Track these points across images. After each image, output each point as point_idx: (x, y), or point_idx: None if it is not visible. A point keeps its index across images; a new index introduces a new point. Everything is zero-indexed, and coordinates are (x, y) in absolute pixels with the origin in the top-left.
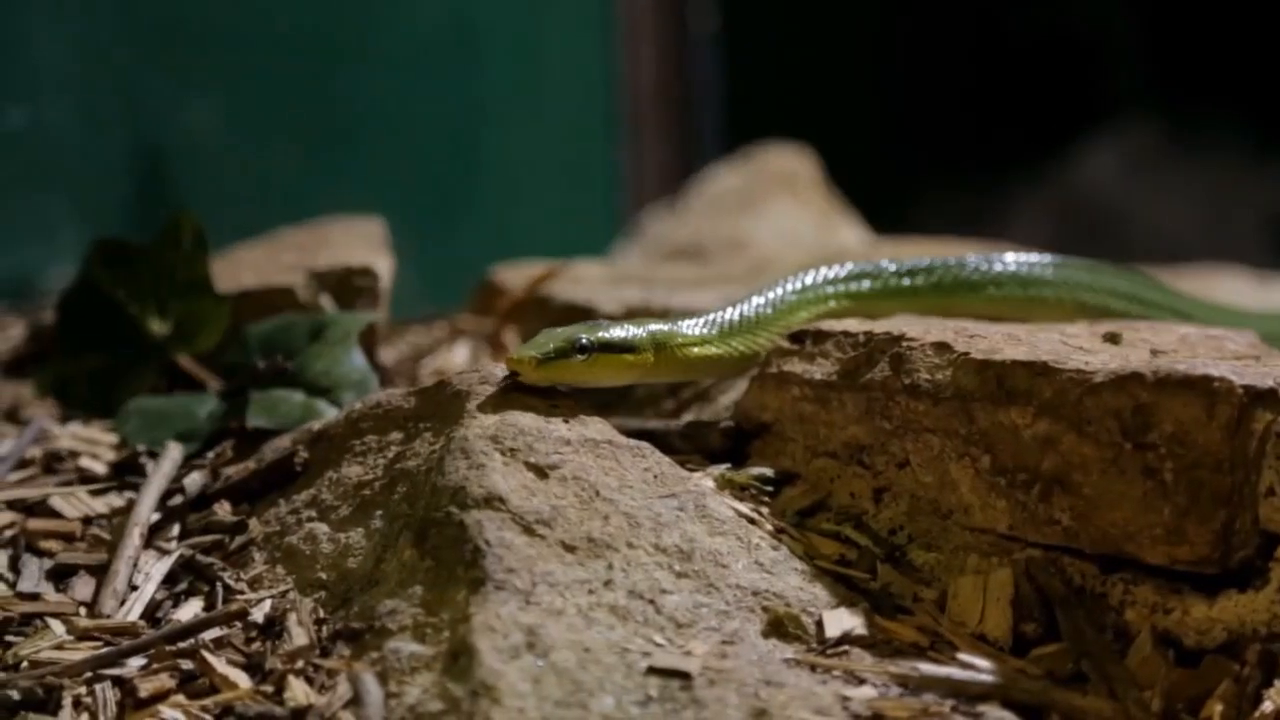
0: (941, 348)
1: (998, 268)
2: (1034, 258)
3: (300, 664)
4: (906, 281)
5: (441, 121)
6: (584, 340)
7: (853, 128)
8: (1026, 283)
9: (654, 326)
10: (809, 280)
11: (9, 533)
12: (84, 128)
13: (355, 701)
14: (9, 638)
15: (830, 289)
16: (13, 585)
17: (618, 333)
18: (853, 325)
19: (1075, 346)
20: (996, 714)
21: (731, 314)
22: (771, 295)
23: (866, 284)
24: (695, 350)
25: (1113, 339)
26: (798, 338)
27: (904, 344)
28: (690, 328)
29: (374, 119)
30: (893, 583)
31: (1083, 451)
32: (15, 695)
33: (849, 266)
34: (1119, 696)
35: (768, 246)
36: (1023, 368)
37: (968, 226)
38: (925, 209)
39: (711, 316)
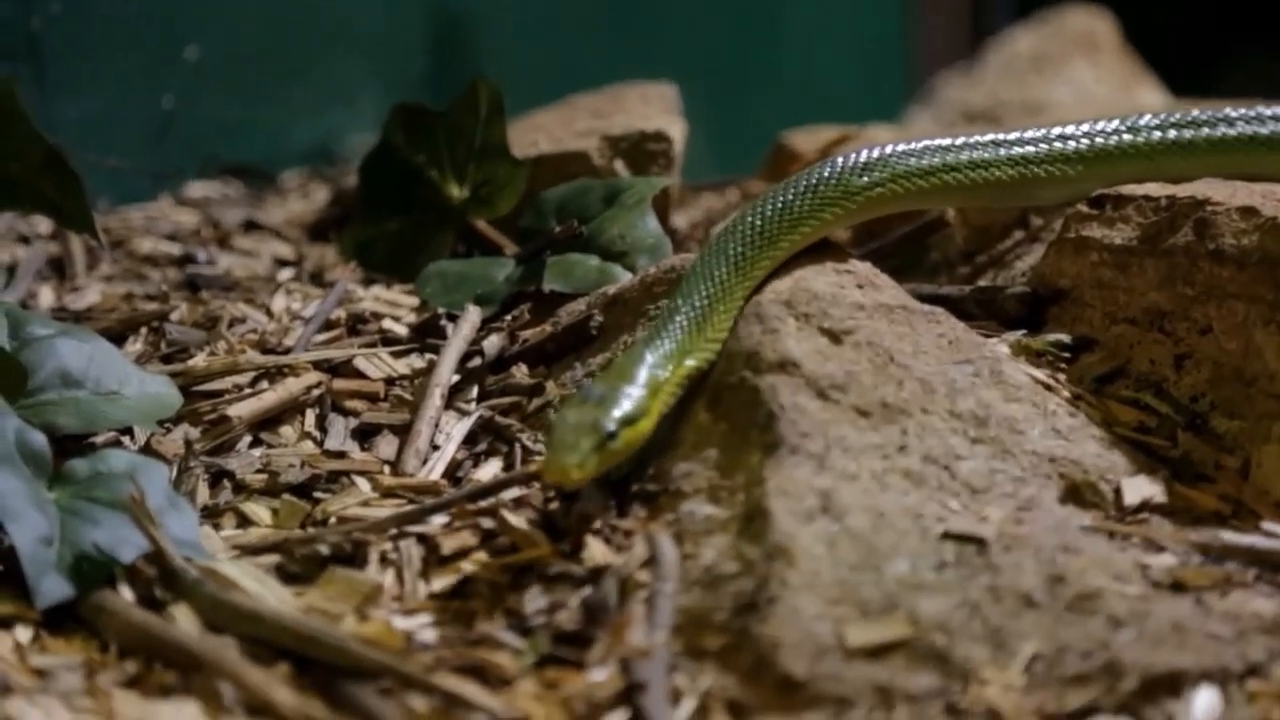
0: (1248, 212)
1: None
2: None
3: (598, 524)
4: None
5: None
6: (609, 429)
7: None
8: None
9: (644, 373)
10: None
11: (316, 392)
12: None
13: (652, 561)
14: (317, 494)
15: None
16: (320, 443)
17: (628, 406)
18: (1154, 189)
19: None
20: None
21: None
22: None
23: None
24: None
25: None
26: (1098, 202)
27: (1208, 208)
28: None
29: None
30: (1193, 450)
31: None
32: (324, 550)
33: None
34: None
35: (1065, 109)
36: None
37: (1273, 89)
38: (1226, 70)
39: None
